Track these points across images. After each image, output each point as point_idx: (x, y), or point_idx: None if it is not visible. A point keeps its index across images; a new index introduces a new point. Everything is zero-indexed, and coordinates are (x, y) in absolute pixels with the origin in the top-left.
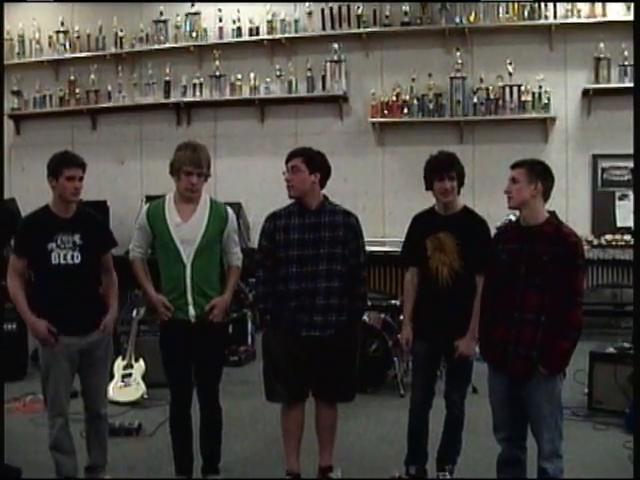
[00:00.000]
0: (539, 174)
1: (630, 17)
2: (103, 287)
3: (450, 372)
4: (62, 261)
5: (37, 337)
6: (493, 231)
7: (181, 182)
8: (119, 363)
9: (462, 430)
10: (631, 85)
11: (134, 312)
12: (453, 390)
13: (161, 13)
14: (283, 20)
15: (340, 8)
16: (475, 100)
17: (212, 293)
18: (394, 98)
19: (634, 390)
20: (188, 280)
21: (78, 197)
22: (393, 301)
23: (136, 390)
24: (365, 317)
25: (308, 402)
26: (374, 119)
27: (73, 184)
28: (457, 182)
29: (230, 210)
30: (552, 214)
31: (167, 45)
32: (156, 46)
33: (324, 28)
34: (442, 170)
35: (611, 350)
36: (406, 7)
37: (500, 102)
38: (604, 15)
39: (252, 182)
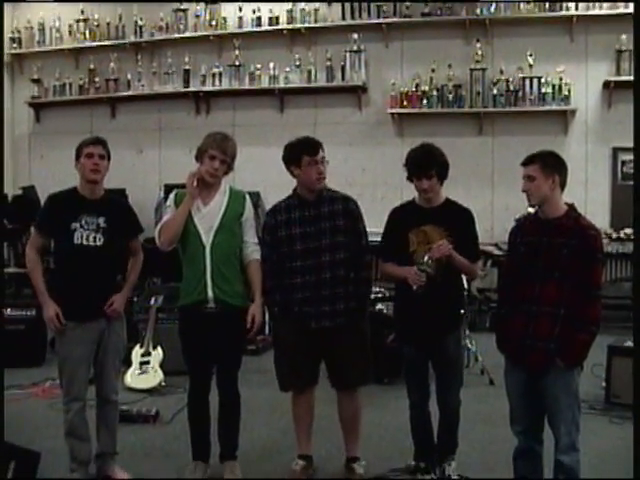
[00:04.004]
0: (554, 166)
1: None
2: (128, 268)
3: (439, 378)
4: (84, 242)
5: (45, 317)
6: (512, 223)
7: (204, 165)
8: (137, 350)
9: (457, 427)
10: None
11: (152, 300)
12: (445, 397)
13: (181, 2)
14: (303, 10)
15: None
16: (495, 92)
17: (231, 275)
18: (413, 89)
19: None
20: (207, 261)
21: (99, 175)
22: None
23: (154, 377)
24: (382, 307)
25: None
26: (393, 110)
27: (92, 160)
28: (437, 177)
29: (248, 197)
30: (571, 207)
31: (187, 34)
32: (176, 35)
33: (344, 18)
34: (418, 171)
35: (629, 344)
36: None
37: (520, 94)
38: (626, 7)
39: (271, 172)
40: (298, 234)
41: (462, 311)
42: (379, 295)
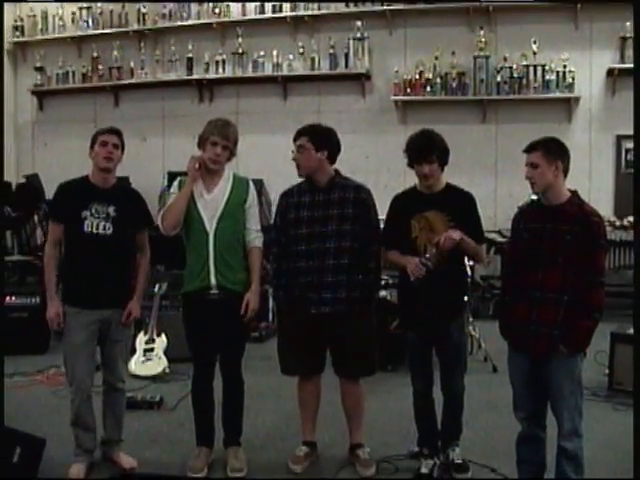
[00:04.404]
0: (556, 153)
1: None
2: (135, 267)
3: (443, 365)
4: (94, 230)
5: (47, 315)
6: (515, 211)
7: (206, 152)
8: (141, 337)
9: (461, 413)
10: None
11: (156, 287)
12: (449, 383)
13: None
14: None
15: None
16: (499, 79)
17: (235, 263)
18: (417, 76)
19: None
20: (211, 248)
21: (111, 163)
22: None
23: (158, 364)
24: (386, 294)
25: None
26: (397, 97)
27: (106, 148)
28: (438, 162)
29: (252, 184)
30: (574, 193)
31: (190, 22)
32: (179, 23)
33: (347, 5)
34: (419, 156)
35: (632, 331)
36: None
37: (524, 81)
38: None
39: (274, 159)
40: (305, 217)
41: (465, 298)
42: (382, 282)
